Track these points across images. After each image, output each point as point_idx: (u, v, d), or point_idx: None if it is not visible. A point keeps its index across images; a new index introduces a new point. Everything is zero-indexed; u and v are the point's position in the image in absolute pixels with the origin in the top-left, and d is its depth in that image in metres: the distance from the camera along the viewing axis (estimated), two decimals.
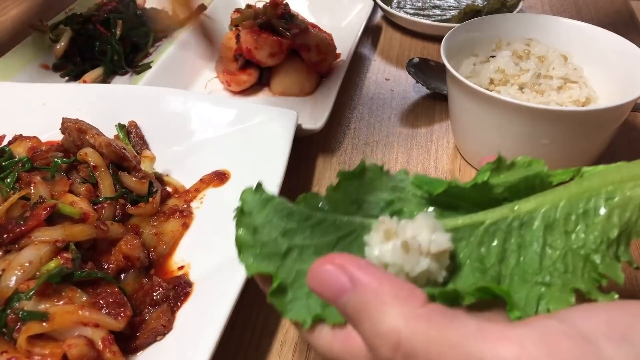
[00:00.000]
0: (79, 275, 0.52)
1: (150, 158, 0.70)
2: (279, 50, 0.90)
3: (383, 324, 0.28)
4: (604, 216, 0.36)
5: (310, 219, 0.41)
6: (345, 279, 0.30)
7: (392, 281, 0.30)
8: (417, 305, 0.28)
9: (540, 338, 0.25)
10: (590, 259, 0.36)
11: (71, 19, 1.02)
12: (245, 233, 0.40)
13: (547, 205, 0.38)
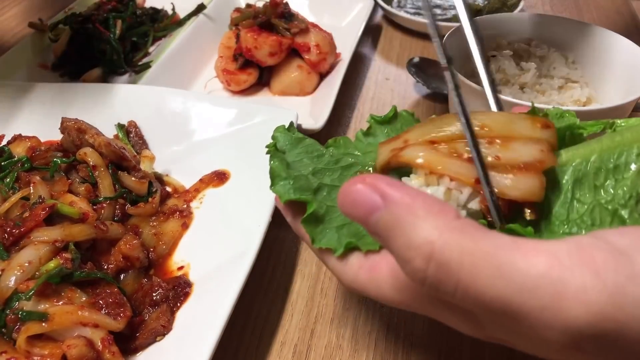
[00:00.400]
0: (79, 276, 0.52)
1: (150, 158, 0.70)
2: (279, 50, 0.90)
3: (416, 236, 0.28)
4: (634, 171, 0.36)
5: (339, 162, 0.42)
6: (376, 197, 0.30)
7: (424, 196, 0.29)
8: (451, 218, 0.28)
9: (574, 250, 0.25)
10: (618, 213, 0.36)
11: (70, 18, 1.02)
12: (279, 165, 0.40)
13: (578, 159, 0.38)
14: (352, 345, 0.56)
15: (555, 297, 0.24)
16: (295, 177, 0.40)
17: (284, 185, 0.40)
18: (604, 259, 0.25)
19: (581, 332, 0.25)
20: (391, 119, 0.45)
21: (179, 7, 1.14)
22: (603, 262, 0.25)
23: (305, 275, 0.63)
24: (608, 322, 0.24)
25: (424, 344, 0.55)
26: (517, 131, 0.36)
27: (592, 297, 0.24)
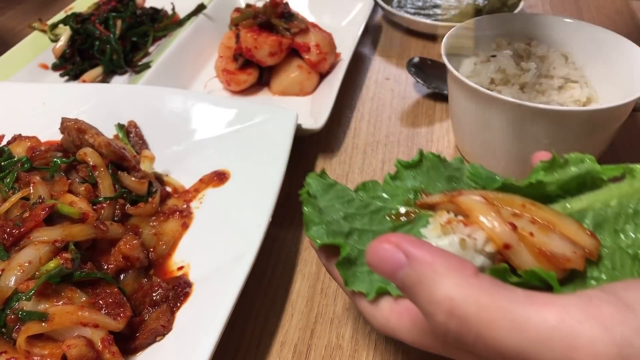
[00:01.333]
0: (79, 276, 0.52)
1: (150, 158, 0.70)
2: (279, 50, 0.90)
3: (438, 292, 0.30)
4: None
5: (369, 207, 0.44)
6: (401, 255, 0.32)
7: (444, 255, 0.32)
8: (469, 275, 0.30)
9: (584, 303, 0.27)
10: (639, 257, 0.37)
11: (70, 18, 1.02)
12: (312, 211, 0.42)
13: (599, 204, 0.39)
14: (352, 345, 0.56)
15: (568, 350, 0.26)
16: (327, 222, 0.42)
17: (317, 230, 0.41)
18: (611, 312, 0.26)
19: None
20: (417, 163, 0.47)
21: (179, 7, 1.14)
22: (610, 315, 0.26)
23: (305, 275, 0.63)
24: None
25: None
26: (562, 226, 0.37)
27: (601, 349, 0.26)
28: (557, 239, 0.36)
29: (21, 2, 1.27)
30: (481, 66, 0.77)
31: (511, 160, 0.70)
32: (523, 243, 0.36)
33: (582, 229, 0.37)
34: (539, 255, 0.36)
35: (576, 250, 0.36)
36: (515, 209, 0.38)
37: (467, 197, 0.39)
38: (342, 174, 0.78)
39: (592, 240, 0.37)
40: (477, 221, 0.37)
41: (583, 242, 0.37)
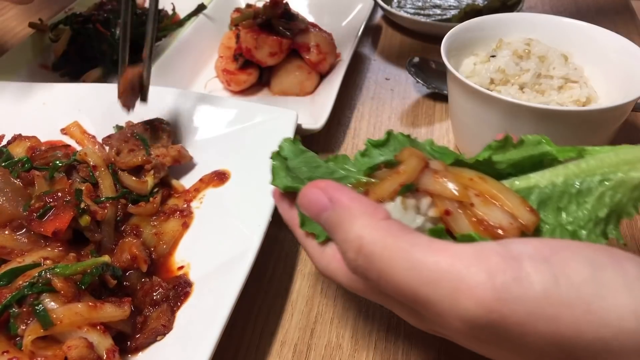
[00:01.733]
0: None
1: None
2: (279, 50, 0.90)
3: (350, 232, 0.34)
4: (596, 197, 0.39)
5: (333, 174, 0.47)
6: (325, 199, 0.37)
7: (361, 200, 0.36)
8: (379, 218, 0.34)
9: (475, 252, 0.30)
10: (578, 234, 0.39)
11: (70, 18, 1.02)
12: (279, 165, 0.45)
13: (545, 182, 0.41)
14: (352, 345, 0.56)
15: (453, 291, 0.29)
16: (292, 177, 0.45)
17: (282, 180, 0.44)
18: (497, 261, 0.29)
19: (473, 323, 0.29)
20: (385, 142, 0.50)
21: (179, 7, 1.14)
22: (496, 264, 0.29)
23: (305, 275, 0.63)
24: (494, 314, 0.28)
25: (424, 344, 0.56)
26: (505, 200, 0.39)
27: (482, 293, 0.28)
28: (496, 211, 0.38)
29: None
30: (481, 66, 0.77)
31: None
32: (463, 212, 0.39)
33: (524, 204, 0.39)
34: (476, 224, 0.38)
35: (512, 222, 0.38)
36: (462, 182, 0.40)
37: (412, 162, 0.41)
38: None
39: (530, 215, 0.38)
40: (423, 187, 0.40)
41: (521, 216, 0.38)
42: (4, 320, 0.49)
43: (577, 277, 0.28)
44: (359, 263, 0.33)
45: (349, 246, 0.34)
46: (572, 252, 0.30)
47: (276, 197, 0.47)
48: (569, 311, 0.28)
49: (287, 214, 0.46)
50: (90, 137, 0.74)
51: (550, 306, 0.28)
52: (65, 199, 0.57)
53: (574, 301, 0.28)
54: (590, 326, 0.28)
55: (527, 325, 0.28)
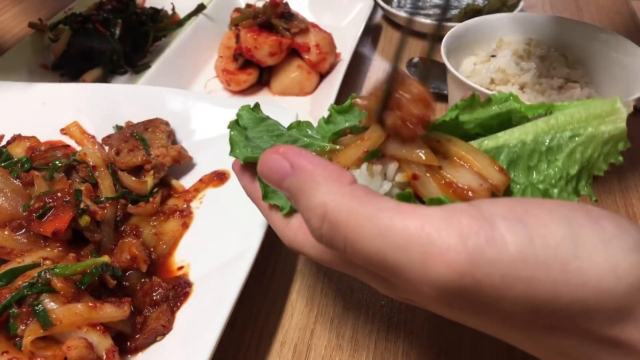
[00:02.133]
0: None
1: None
2: (279, 50, 0.90)
3: (314, 199, 0.32)
4: (566, 153, 0.38)
5: (297, 142, 0.45)
6: (287, 165, 0.34)
7: (325, 165, 0.33)
8: (344, 184, 0.32)
9: (446, 215, 0.28)
10: (549, 192, 0.38)
11: (70, 18, 1.02)
12: (237, 135, 0.43)
13: (514, 141, 0.40)
14: (352, 345, 0.56)
15: (423, 255, 0.27)
16: (252, 147, 0.43)
17: (241, 152, 0.43)
18: (469, 223, 0.27)
19: (445, 287, 0.27)
20: (349, 108, 0.49)
21: (179, 7, 1.14)
22: (468, 226, 0.27)
23: (305, 275, 0.63)
24: (467, 278, 0.27)
25: (424, 343, 0.55)
26: (474, 162, 0.38)
27: (453, 256, 0.27)
28: (465, 173, 0.38)
29: (21, 2, 1.27)
30: (481, 66, 0.77)
31: None
32: (431, 176, 0.38)
33: (493, 164, 0.38)
34: (444, 187, 0.37)
35: (482, 184, 0.37)
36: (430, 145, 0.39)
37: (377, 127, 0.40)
38: None
39: (500, 175, 0.38)
40: (389, 153, 0.39)
41: (491, 176, 0.38)
42: (4, 321, 0.49)
43: (554, 237, 0.27)
44: (323, 231, 0.31)
45: (313, 214, 0.32)
46: (548, 210, 0.28)
47: (236, 169, 0.45)
48: (545, 272, 0.26)
49: (248, 187, 0.44)
50: (89, 137, 0.74)
51: (526, 268, 0.26)
52: (64, 199, 0.57)
53: (551, 262, 0.27)
54: (568, 287, 0.26)
55: (502, 288, 0.27)
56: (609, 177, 0.74)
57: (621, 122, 0.38)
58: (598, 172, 0.39)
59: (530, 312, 0.28)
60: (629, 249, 0.27)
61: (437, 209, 0.29)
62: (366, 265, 0.31)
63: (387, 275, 0.30)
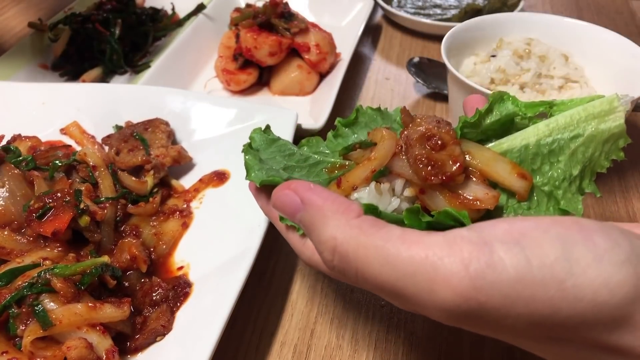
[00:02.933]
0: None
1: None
2: (279, 50, 0.90)
3: (324, 233, 0.34)
4: (568, 154, 0.40)
5: (308, 160, 0.47)
6: (298, 200, 0.37)
7: (333, 199, 0.35)
8: (352, 217, 0.34)
9: (448, 242, 0.30)
10: (553, 194, 0.39)
11: (70, 18, 1.01)
12: (252, 159, 0.45)
13: (517, 146, 0.41)
14: (352, 345, 0.56)
15: (430, 283, 0.30)
16: (267, 169, 0.45)
17: (257, 175, 0.44)
18: (469, 250, 0.29)
19: (451, 310, 0.29)
20: (354, 120, 0.50)
21: (178, 7, 1.14)
22: (469, 253, 0.29)
23: (305, 275, 0.63)
24: (471, 301, 0.29)
25: (423, 344, 0.55)
26: (495, 170, 0.39)
27: (457, 282, 0.29)
28: (471, 184, 0.39)
29: (21, 1, 1.26)
30: (481, 66, 0.77)
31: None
32: (438, 189, 0.39)
33: (514, 172, 0.39)
34: (451, 198, 0.38)
35: (488, 192, 0.38)
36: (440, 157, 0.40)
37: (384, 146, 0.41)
38: None
39: (521, 182, 0.39)
40: (396, 171, 0.40)
41: (512, 185, 0.39)
42: (4, 321, 0.49)
43: (549, 257, 0.29)
44: (335, 263, 0.34)
45: (324, 247, 0.34)
46: (542, 231, 0.30)
47: (253, 191, 0.46)
48: (543, 290, 0.28)
49: (266, 208, 0.46)
50: (89, 137, 0.74)
51: (525, 288, 0.28)
52: (64, 199, 0.56)
53: (548, 281, 0.28)
54: (566, 302, 0.28)
55: (504, 308, 0.29)
56: (609, 177, 0.74)
57: (620, 119, 0.39)
58: (601, 170, 0.40)
59: (533, 327, 0.29)
60: (620, 263, 0.29)
61: (439, 236, 0.31)
62: (377, 292, 0.33)
63: (398, 300, 0.33)
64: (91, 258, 0.55)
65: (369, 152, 0.41)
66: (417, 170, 0.38)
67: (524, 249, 0.29)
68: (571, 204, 0.39)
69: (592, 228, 0.30)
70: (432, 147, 0.38)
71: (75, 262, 0.53)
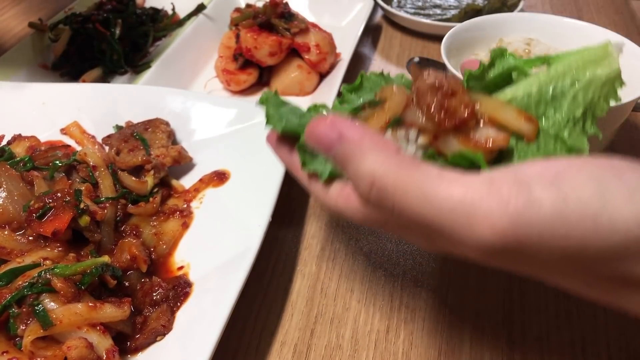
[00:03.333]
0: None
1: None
2: (279, 50, 0.90)
3: (363, 167, 0.34)
4: (569, 99, 0.42)
5: None
6: (334, 134, 0.36)
7: (372, 134, 0.36)
8: (391, 152, 0.34)
9: (485, 182, 0.31)
10: (560, 135, 0.41)
11: (70, 18, 1.02)
12: (272, 107, 0.46)
13: (520, 94, 0.43)
14: (352, 345, 0.56)
15: (468, 220, 0.31)
16: (285, 120, 0.45)
17: (279, 121, 0.45)
18: (508, 189, 0.30)
19: (489, 248, 0.31)
20: (359, 86, 0.51)
21: (179, 7, 1.14)
22: (507, 191, 0.30)
23: (305, 275, 0.63)
24: (509, 239, 0.30)
25: (423, 344, 0.56)
26: (502, 115, 0.41)
27: (496, 220, 0.30)
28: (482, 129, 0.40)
29: (21, 2, 1.27)
30: None
31: None
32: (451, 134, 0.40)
33: (520, 117, 0.41)
34: (464, 141, 0.39)
35: (499, 133, 0.40)
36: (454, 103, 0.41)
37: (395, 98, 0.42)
38: None
39: (528, 125, 0.41)
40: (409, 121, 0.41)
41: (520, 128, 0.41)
42: (4, 321, 0.49)
43: (584, 195, 0.30)
44: (372, 196, 0.34)
45: (362, 180, 0.35)
46: (576, 170, 0.31)
47: (273, 143, 0.47)
48: (578, 226, 0.29)
49: (286, 158, 0.46)
50: (90, 137, 0.74)
51: (561, 224, 0.29)
52: (64, 199, 0.57)
53: (582, 217, 0.29)
54: (599, 236, 0.29)
55: (540, 245, 0.30)
56: None
57: (615, 64, 0.42)
58: (601, 113, 0.42)
59: (567, 262, 0.31)
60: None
61: (476, 177, 0.32)
62: (413, 227, 0.34)
63: (433, 237, 0.34)
64: (91, 258, 0.55)
65: (380, 108, 0.42)
66: (430, 117, 0.39)
67: (560, 187, 0.30)
68: (578, 141, 0.41)
69: (624, 166, 0.32)
70: (443, 95, 0.39)
71: (76, 262, 0.53)
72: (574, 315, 0.57)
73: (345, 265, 0.64)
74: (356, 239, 0.67)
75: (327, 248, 0.66)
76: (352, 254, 0.65)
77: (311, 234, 0.68)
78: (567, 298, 0.59)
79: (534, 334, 0.56)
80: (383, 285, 0.61)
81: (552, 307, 0.58)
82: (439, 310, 0.59)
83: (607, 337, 0.55)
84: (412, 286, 0.61)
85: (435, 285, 0.61)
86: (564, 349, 0.55)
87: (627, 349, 0.54)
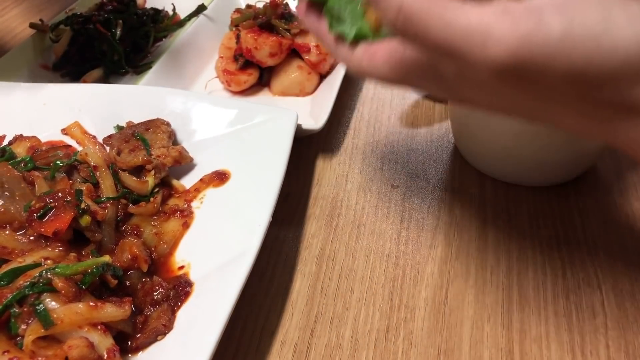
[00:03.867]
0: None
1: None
2: (279, 50, 0.90)
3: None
4: None
5: None
6: None
7: None
8: None
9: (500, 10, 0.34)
10: None
11: (71, 19, 1.02)
12: None
13: None
14: (352, 344, 0.56)
15: (483, 40, 0.33)
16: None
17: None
18: (520, 14, 0.33)
19: (501, 67, 0.33)
20: None
21: (179, 7, 1.15)
22: (519, 16, 0.33)
23: (305, 275, 0.63)
24: (519, 58, 0.32)
25: (423, 343, 0.56)
26: None
27: (508, 40, 0.32)
28: None
29: (22, 2, 1.27)
30: None
31: (511, 161, 0.70)
32: None
33: None
34: None
35: None
36: None
37: None
38: (342, 174, 0.78)
39: None
40: None
41: None
42: (5, 320, 0.49)
43: (590, 18, 0.32)
44: (398, 23, 0.37)
45: (390, 7, 0.37)
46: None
47: (301, 12, 0.50)
48: (582, 47, 0.32)
49: (314, 25, 0.49)
50: (90, 137, 0.74)
51: (566, 47, 0.32)
52: (65, 199, 0.57)
53: (587, 39, 0.32)
54: (600, 56, 0.32)
55: (546, 64, 0.32)
56: (607, 176, 0.74)
57: None
58: None
59: (568, 85, 0.33)
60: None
61: (493, 6, 0.34)
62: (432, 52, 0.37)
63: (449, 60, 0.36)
64: (92, 258, 0.55)
65: None
66: None
67: (568, 12, 0.32)
68: None
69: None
70: None
71: (77, 262, 0.53)
72: (574, 315, 0.58)
73: (345, 265, 0.64)
74: (356, 239, 0.67)
75: (327, 248, 0.66)
76: (352, 254, 0.66)
77: (311, 234, 0.68)
78: (567, 298, 0.59)
79: (534, 334, 0.56)
80: (383, 285, 0.62)
81: (552, 307, 0.58)
82: (439, 310, 0.59)
83: (607, 337, 0.56)
84: (412, 286, 0.61)
85: (435, 285, 0.61)
86: (563, 349, 0.55)
87: (626, 349, 0.55)
